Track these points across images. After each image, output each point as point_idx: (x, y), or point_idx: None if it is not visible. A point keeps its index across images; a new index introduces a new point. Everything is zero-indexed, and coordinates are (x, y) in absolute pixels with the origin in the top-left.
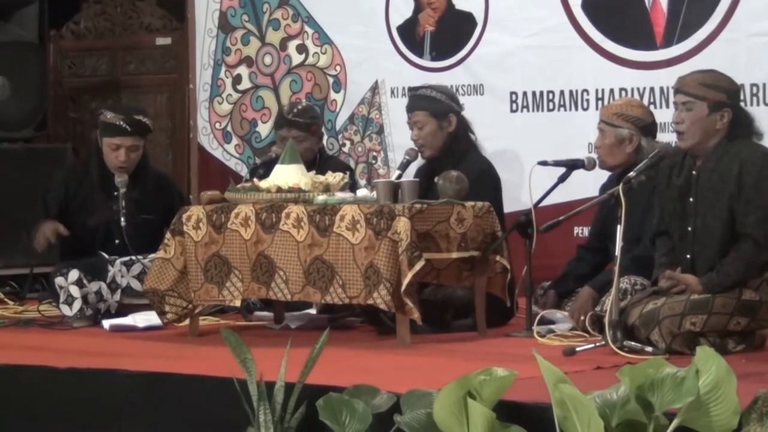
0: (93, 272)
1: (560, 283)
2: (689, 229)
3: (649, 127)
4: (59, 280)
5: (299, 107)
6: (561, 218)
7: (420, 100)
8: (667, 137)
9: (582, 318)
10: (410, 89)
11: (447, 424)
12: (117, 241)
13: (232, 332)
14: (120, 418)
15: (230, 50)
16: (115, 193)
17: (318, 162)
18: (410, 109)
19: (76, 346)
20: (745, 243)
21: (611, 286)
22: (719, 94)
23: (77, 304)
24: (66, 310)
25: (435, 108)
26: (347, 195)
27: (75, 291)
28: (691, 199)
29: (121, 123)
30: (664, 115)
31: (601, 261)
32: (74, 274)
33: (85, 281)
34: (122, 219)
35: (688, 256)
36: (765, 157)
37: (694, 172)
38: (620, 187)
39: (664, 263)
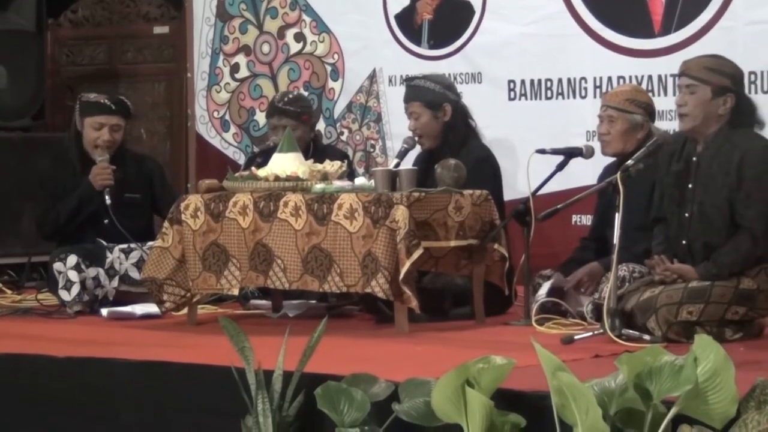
0: (91, 258)
1: (565, 267)
2: (686, 215)
3: (654, 113)
4: (57, 266)
5: (290, 96)
6: (559, 206)
7: (414, 91)
8: (665, 125)
9: (585, 281)
10: (406, 80)
11: (445, 412)
12: (106, 221)
13: (230, 321)
14: (118, 407)
15: (228, 39)
16: None
17: (312, 151)
18: (406, 100)
19: (74, 335)
20: (743, 236)
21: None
22: (723, 78)
23: (75, 289)
24: (64, 296)
25: (429, 98)
26: (345, 183)
27: (73, 276)
28: (690, 185)
29: (105, 101)
30: (662, 103)
31: (604, 250)
32: (72, 259)
33: (83, 266)
34: (107, 197)
35: (684, 242)
36: (766, 149)
37: (694, 159)
38: (618, 175)
39: (660, 251)
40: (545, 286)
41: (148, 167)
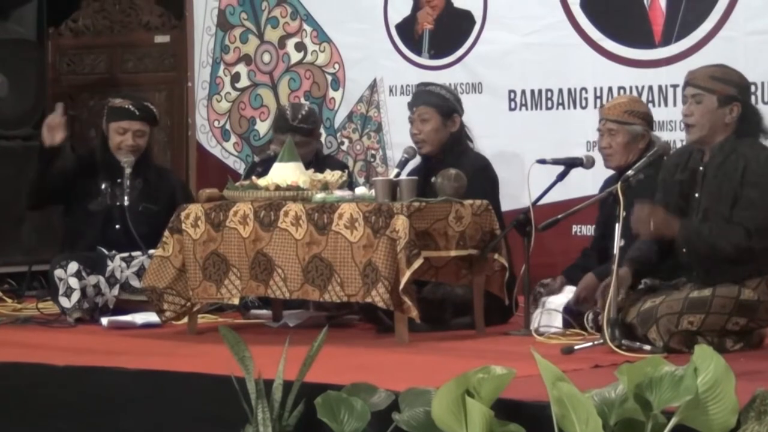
0: (92, 265)
1: (569, 272)
2: None
3: (653, 122)
4: (58, 272)
5: (303, 113)
6: (559, 216)
7: (428, 96)
8: (666, 135)
9: (583, 296)
10: (419, 84)
11: (445, 422)
12: (117, 226)
13: (230, 330)
14: (118, 415)
15: (229, 48)
16: (119, 180)
17: (315, 161)
18: (416, 103)
19: (74, 343)
20: (737, 227)
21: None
22: (729, 87)
23: (75, 296)
24: (65, 302)
25: (443, 105)
26: (346, 193)
27: (74, 283)
28: (696, 195)
29: (129, 107)
30: (663, 113)
31: (606, 261)
32: (73, 266)
33: (84, 273)
34: (126, 198)
35: (685, 249)
36: None
37: (701, 168)
38: (618, 185)
39: (632, 257)
40: (555, 302)
41: (171, 182)
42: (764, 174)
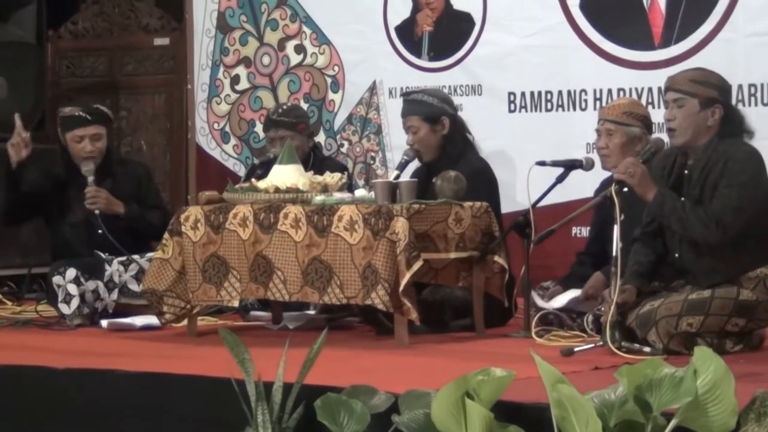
0: (90, 271)
1: (564, 282)
2: None
3: (652, 126)
4: (57, 279)
5: (284, 107)
6: (554, 227)
7: (412, 105)
8: (665, 137)
9: (591, 293)
10: (403, 95)
11: (445, 424)
12: (100, 231)
13: (230, 332)
14: (118, 418)
15: (228, 50)
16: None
17: (312, 162)
18: (404, 114)
19: (73, 346)
20: (711, 215)
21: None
22: (710, 90)
23: (75, 302)
24: (64, 309)
25: (427, 112)
26: (345, 195)
27: (73, 289)
28: (682, 198)
29: (80, 113)
30: (661, 115)
31: (602, 264)
32: (71, 272)
33: (82, 279)
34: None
35: (677, 254)
36: (748, 155)
37: (686, 171)
38: (612, 187)
39: (634, 272)
40: (561, 299)
41: (135, 172)
42: (741, 170)
